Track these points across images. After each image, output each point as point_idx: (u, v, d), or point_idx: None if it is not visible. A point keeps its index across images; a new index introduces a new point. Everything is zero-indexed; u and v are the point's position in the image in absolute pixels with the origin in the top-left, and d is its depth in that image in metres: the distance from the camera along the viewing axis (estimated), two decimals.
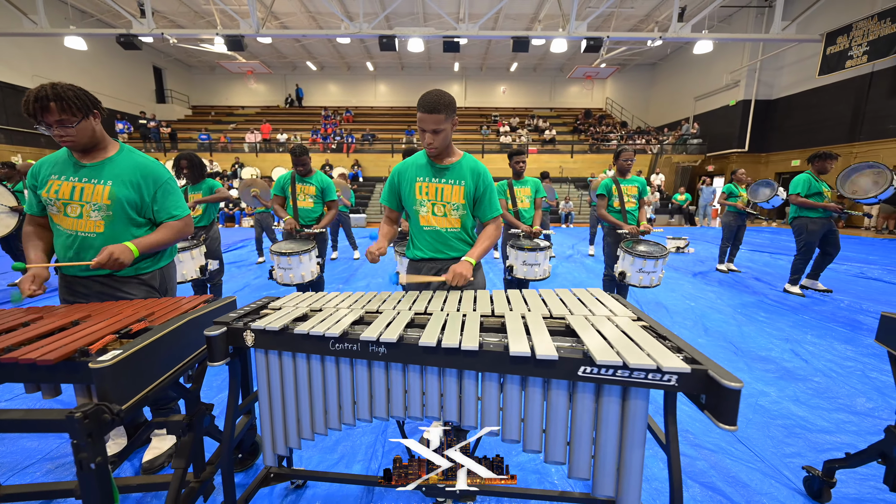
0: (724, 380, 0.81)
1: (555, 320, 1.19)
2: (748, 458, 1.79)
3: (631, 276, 3.22)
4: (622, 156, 3.46)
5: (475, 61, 21.90)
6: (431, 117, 1.59)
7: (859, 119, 12.20)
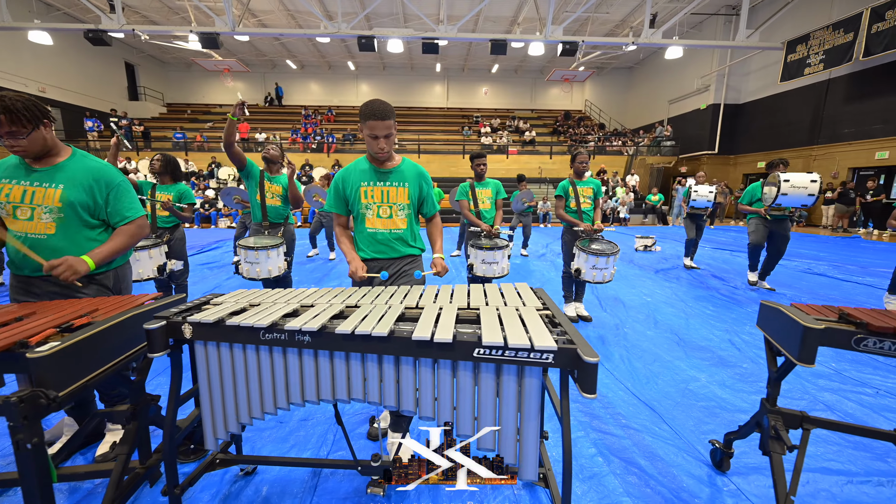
0: (586, 356, 0.95)
1: (470, 311, 1.32)
2: (668, 436, 1.97)
3: (585, 272, 3.40)
4: (577, 158, 3.63)
5: (457, 62, 22.06)
6: (384, 124, 1.73)
7: (818, 123, 12.86)
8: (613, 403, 2.29)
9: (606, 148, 18.30)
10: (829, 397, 2.33)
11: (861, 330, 1.11)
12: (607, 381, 2.54)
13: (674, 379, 2.56)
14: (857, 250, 7.81)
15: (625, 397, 2.35)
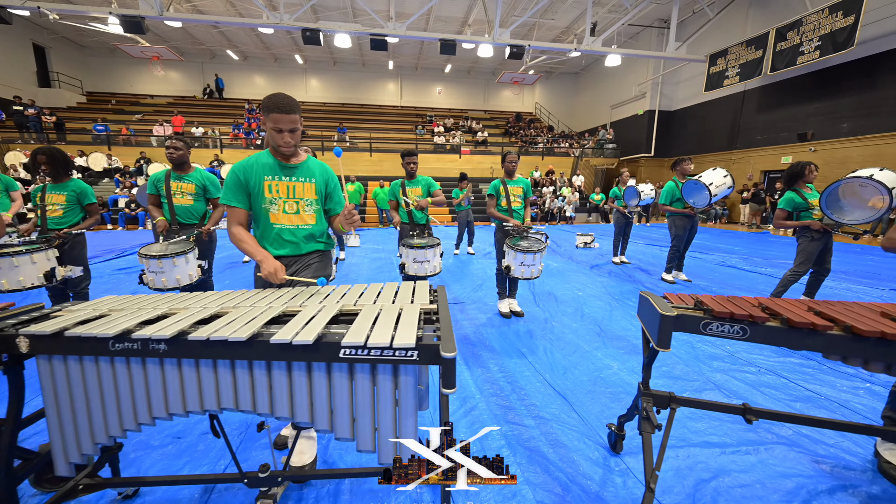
0: (444, 351, 0.96)
1: (352, 310, 1.29)
2: (575, 424, 2.06)
3: (514, 269, 3.49)
4: (507, 158, 3.72)
5: (410, 60, 21.93)
6: (289, 118, 1.66)
7: (736, 130, 14.21)
8: (530, 395, 2.36)
9: (555, 149, 19.04)
10: (720, 377, 2.56)
11: (707, 316, 1.21)
12: (528, 374, 2.62)
13: (589, 368, 2.70)
14: (765, 244, 8.72)
15: (541, 388, 2.43)
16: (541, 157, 18.07)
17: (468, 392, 2.38)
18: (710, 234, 11.11)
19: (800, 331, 1.09)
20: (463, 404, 2.25)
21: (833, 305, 1.23)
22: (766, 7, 12.56)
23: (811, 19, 10.31)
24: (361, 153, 16.91)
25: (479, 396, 2.33)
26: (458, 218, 7.19)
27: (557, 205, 14.52)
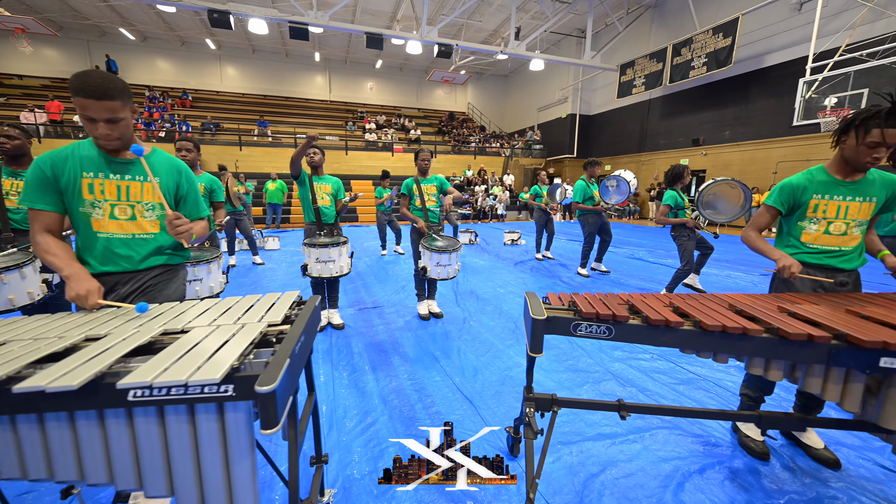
0: (260, 385, 0.78)
1: (174, 336, 1.06)
2: (478, 428, 2.00)
3: (431, 270, 3.40)
4: (420, 156, 3.61)
5: (338, 53, 21.04)
6: (102, 105, 1.29)
7: (644, 135, 15.71)
8: (436, 402, 2.26)
9: (486, 149, 19.53)
10: (618, 366, 2.69)
11: (577, 317, 1.18)
12: (437, 380, 2.53)
13: (499, 367, 2.68)
14: (668, 238, 9.70)
15: (449, 394, 2.35)
16: (473, 157, 18.41)
17: (371, 405, 2.22)
18: (624, 229, 12.13)
19: (657, 328, 1.10)
20: (363, 419, 2.09)
21: (690, 300, 1.28)
22: (665, 24, 14.01)
23: (699, 38, 11.69)
24: (286, 149, 15.83)
25: (382, 409, 2.18)
26: (377, 219, 6.98)
27: (489, 203, 14.88)
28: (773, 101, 10.95)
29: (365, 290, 4.75)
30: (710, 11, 12.12)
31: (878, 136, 1.42)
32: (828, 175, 1.65)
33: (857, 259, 1.66)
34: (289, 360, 0.89)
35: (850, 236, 1.62)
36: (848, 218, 1.61)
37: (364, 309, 3.99)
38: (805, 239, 1.68)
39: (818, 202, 1.63)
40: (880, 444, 1.87)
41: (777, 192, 1.71)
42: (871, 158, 1.49)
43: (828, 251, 1.64)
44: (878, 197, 1.60)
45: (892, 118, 1.40)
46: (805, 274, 1.63)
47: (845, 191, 1.60)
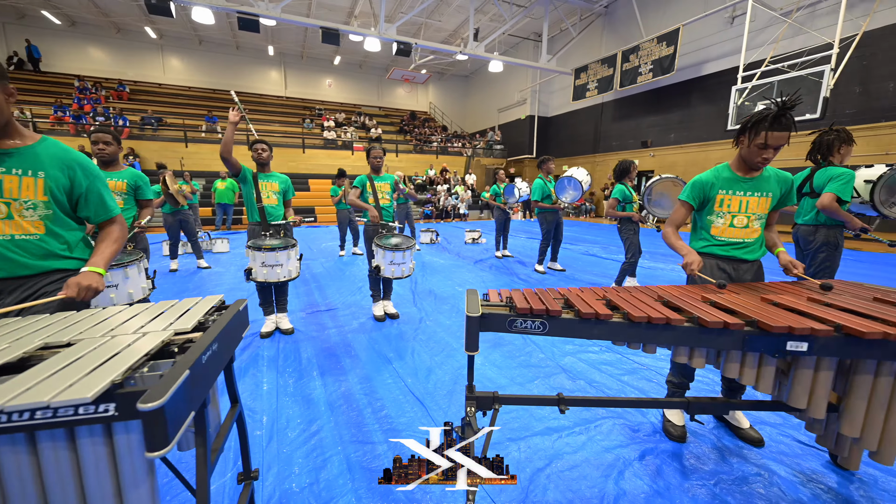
0: (144, 402, 0.69)
1: (53, 348, 0.93)
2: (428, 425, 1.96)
3: (384, 268, 3.32)
4: (372, 154, 3.52)
5: (293, 48, 20.28)
6: None
7: (598, 137, 16.40)
8: (386, 405, 2.19)
9: (448, 149, 19.58)
10: (568, 360, 2.75)
11: (512, 313, 1.17)
12: (389, 382, 2.46)
13: (453, 366, 2.66)
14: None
15: (400, 396, 2.29)
16: (435, 156, 18.40)
17: (316, 413, 2.12)
18: (580, 227, 12.59)
19: (589, 321, 1.11)
20: (307, 428, 1.98)
21: (623, 293, 1.32)
22: (615, 31, 14.70)
23: (645, 46, 12.36)
24: (238, 146, 15.01)
25: (328, 416, 2.08)
26: (338, 217, 6.77)
27: (451, 203, 14.93)
28: (711, 107, 11.79)
29: (319, 292, 4.58)
30: (655, 21, 12.87)
31: (764, 139, 1.54)
32: (731, 172, 1.77)
33: (759, 250, 1.79)
34: (188, 371, 0.80)
35: (751, 229, 1.75)
36: (749, 212, 1.73)
37: (316, 312, 3.84)
38: (714, 232, 1.79)
39: (723, 197, 1.74)
40: (798, 421, 2.02)
41: (689, 189, 1.81)
42: (761, 158, 1.61)
43: (733, 243, 1.76)
44: (773, 192, 1.73)
45: (776, 123, 1.51)
46: (707, 274, 1.74)
47: (746, 186, 1.73)
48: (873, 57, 8.65)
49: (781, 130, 1.53)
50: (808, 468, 1.70)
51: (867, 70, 8.78)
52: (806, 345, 1.01)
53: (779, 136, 1.53)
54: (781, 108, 1.51)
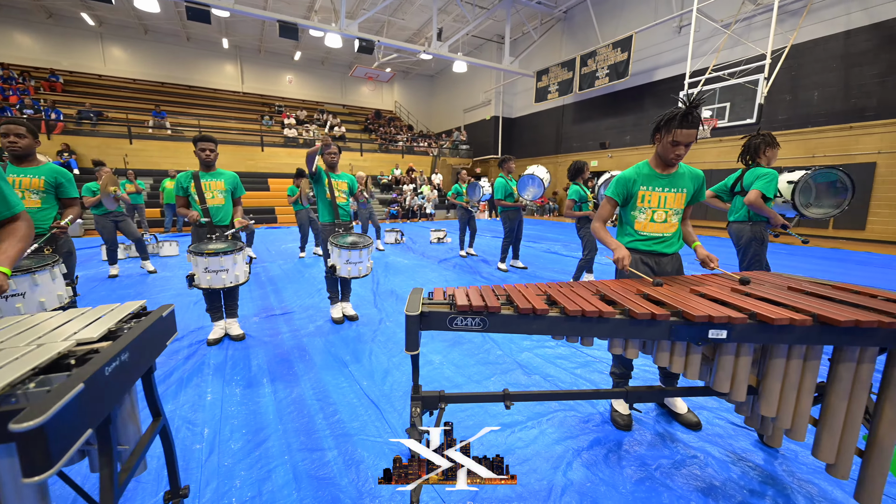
0: (16, 422, 0.61)
1: None
2: (382, 433, 1.92)
3: (340, 268, 3.23)
4: (326, 150, 3.42)
5: (250, 42, 19.43)
6: None
7: (559, 138, 16.90)
8: (340, 410, 2.13)
9: (414, 148, 19.49)
10: (525, 356, 2.80)
11: (452, 310, 1.16)
12: (344, 385, 2.39)
13: (409, 368, 2.62)
14: None
15: (354, 399, 2.23)
16: (401, 156, 18.25)
17: (264, 421, 2.02)
18: (544, 225, 12.92)
19: (527, 317, 1.13)
20: (252, 438, 1.88)
21: (564, 288, 1.34)
22: (574, 37, 15.21)
23: (602, 51, 12.88)
24: (189, 143, 14.17)
25: (277, 426, 1.99)
26: (298, 218, 6.55)
27: (417, 202, 14.86)
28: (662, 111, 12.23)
29: (275, 295, 4.40)
30: (611, 28, 13.43)
31: (674, 136, 1.64)
32: (650, 169, 1.86)
33: (677, 243, 1.91)
34: (82, 385, 0.72)
35: (669, 223, 1.85)
36: (667, 207, 1.83)
37: (272, 316, 3.68)
38: (637, 227, 1.88)
39: (644, 193, 1.84)
40: (731, 404, 2.16)
41: (613, 185, 1.89)
42: (674, 155, 1.71)
43: (654, 237, 1.86)
44: (687, 188, 1.85)
45: (685, 121, 1.61)
46: (633, 268, 1.82)
47: (663, 183, 1.83)
48: (801, 68, 9.48)
49: (689, 128, 1.62)
50: (739, 448, 1.82)
51: (795, 80, 9.60)
52: (725, 332, 1.07)
53: (687, 133, 1.63)
54: (688, 106, 1.60)
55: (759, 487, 1.57)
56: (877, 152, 8.53)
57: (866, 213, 8.82)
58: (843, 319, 1.00)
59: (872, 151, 8.59)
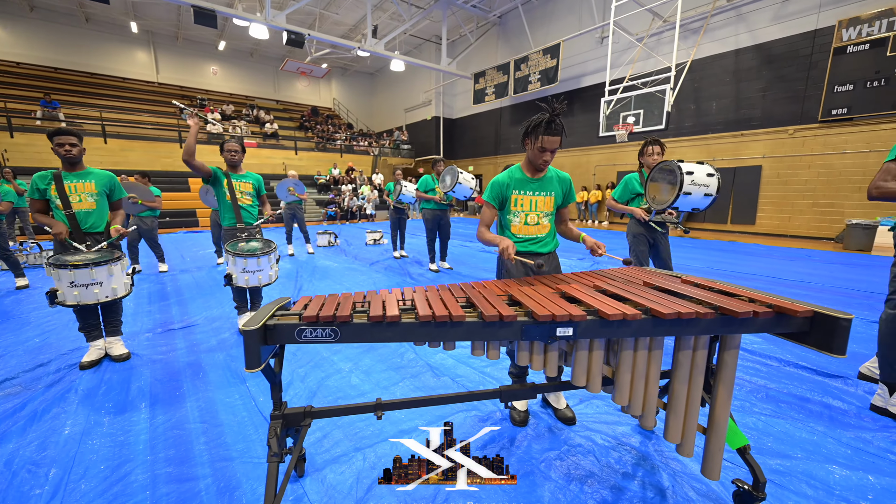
0: None
1: None
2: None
3: (237, 277, 2.99)
4: (226, 146, 3.17)
5: (165, 27, 17.66)
6: None
7: (498, 139, 17.40)
8: (226, 431, 1.95)
9: (354, 147, 18.97)
10: (437, 358, 2.79)
11: (301, 322, 1.09)
12: (238, 403, 2.20)
13: (316, 377, 2.50)
14: None
15: (247, 417, 2.06)
16: (340, 155, 17.67)
17: (130, 453, 1.79)
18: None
19: (380, 324, 1.08)
20: (111, 475, 1.65)
21: (430, 293, 1.33)
22: (508, 41, 15.72)
23: (533, 57, 13.44)
24: (93, 139, 12.55)
25: (145, 456, 1.77)
26: (211, 220, 6.05)
27: (356, 203, 14.47)
28: (589, 116, 13.30)
29: (179, 307, 4.00)
30: (542, 34, 14.07)
31: (541, 143, 1.72)
32: (522, 173, 1.92)
33: (552, 242, 2.00)
34: None
35: (542, 225, 1.94)
36: (538, 210, 1.92)
37: (169, 331, 3.33)
38: (513, 230, 1.95)
39: (517, 197, 1.90)
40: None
41: (489, 190, 1.94)
42: (542, 161, 1.80)
43: (529, 239, 1.94)
44: (556, 192, 1.94)
45: (549, 128, 1.69)
46: (518, 256, 1.89)
47: (534, 186, 1.91)
48: (702, 80, 10.63)
49: (553, 135, 1.70)
50: (619, 433, 1.94)
51: (698, 91, 10.75)
52: (571, 329, 1.11)
53: (552, 139, 1.71)
54: (552, 114, 1.67)
55: (631, 469, 1.68)
56: (762, 157, 9.82)
57: (755, 209, 10.12)
58: (667, 312, 1.08)
59: (759, 156, 9.88)
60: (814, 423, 1.97)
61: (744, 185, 10.16)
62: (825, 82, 8.56)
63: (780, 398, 2.20)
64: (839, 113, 8.43)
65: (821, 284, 4.69)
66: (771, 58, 9.45)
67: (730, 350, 1.29)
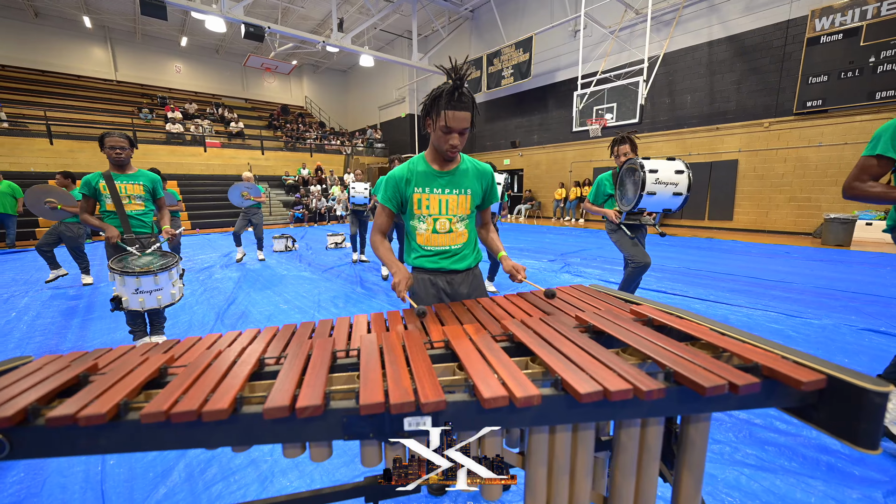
0: None
1: None
2: None
3: (128, 300, 2.43)
4: (106, 142, 2.60)
5: (122, 22, 16.63)
6: None
7: (472, 136, 16.97)
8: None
9: (326, 146, 18.27)
10: None
11: None
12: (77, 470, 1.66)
13: None
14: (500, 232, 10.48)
15: (76, 490, 1.53)
16: (310, 154, 16.96)
17: None
18: None
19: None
20: None
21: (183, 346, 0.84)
22: (481, 36, 15.31)
23: (506, 51, 13.06)
24: (37, 139, 11.60)
25: None
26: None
27: (325, 204, 13.84)
28: (563, 111, 12.98)
29: (80, 329, 3.39)
30: (514, 28, 13.69)
31: (444, 119, 1.24)
32: (427, 165, 1.43)
33: (471, 256, 1.51)
34: None
35: (456, 233, 1.46)
36: (450, 213, 1.44)
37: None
38: (420, 241, 1.46)
39: (420, 196, 1.41)
40: None
41: (383, 187, 1.45)
42: (449, 146, 1.32)
43: (441, 252, 1.46)
44: (473, 188, 1.46)
45: (453, 99, 1.23)
46: (417, 291, 1.48)
47: (442, 182, 1.42)
48: (675, 74, 10.39)
49: (461, 109, 1.24)
50: None
51: (672, 84, 10.52)
52: (429, 420, 0.63)
53: (460, 116, 1.25)
54: (454, 82, 1.21)
55: None
56: (738, 150, 9.62)
57: (732, 205, 9.94)
58: (584, 392, 0.62)
59: (735, 150, 9.68)
60: (810, 477, 1.55)
61: (720, 180, 9.97)
62: (799, 74, 8.39)
63: (768, 440, 1.78)
64: (814, 105, 8.27)
65: (802, 285, 4.37)
66: (744, 49, 9.25)
67: (697, 424, 0.84)
